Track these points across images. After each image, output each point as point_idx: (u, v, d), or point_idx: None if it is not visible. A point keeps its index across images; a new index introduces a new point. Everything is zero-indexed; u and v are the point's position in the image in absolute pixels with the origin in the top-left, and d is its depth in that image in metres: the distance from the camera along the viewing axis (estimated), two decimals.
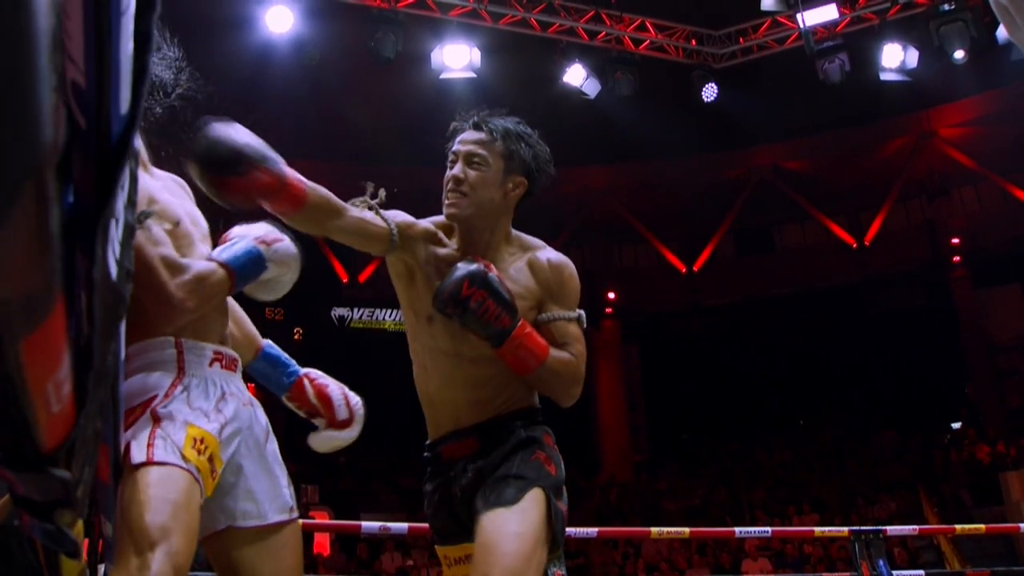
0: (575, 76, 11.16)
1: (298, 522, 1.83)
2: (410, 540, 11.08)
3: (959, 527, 6.14)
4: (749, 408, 16.18)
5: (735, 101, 12.00)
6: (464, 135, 1.94)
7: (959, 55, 10.48)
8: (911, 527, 6.31)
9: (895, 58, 10.88)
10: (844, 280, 15.79)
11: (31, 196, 0.46)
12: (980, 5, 9.92)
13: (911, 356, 15.61)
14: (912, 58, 10.85)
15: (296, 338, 14.44)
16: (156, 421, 1.57)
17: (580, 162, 14.50)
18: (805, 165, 15.77)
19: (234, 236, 1.78)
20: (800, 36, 10.70)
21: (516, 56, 11.40)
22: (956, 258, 15.23)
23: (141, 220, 1.53)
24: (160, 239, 1.63)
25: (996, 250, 14.63)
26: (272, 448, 1.81)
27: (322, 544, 11.57)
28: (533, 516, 1.70)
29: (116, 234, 0.66)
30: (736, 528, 6.55)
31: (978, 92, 13.81)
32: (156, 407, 1.59)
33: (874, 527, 5.40)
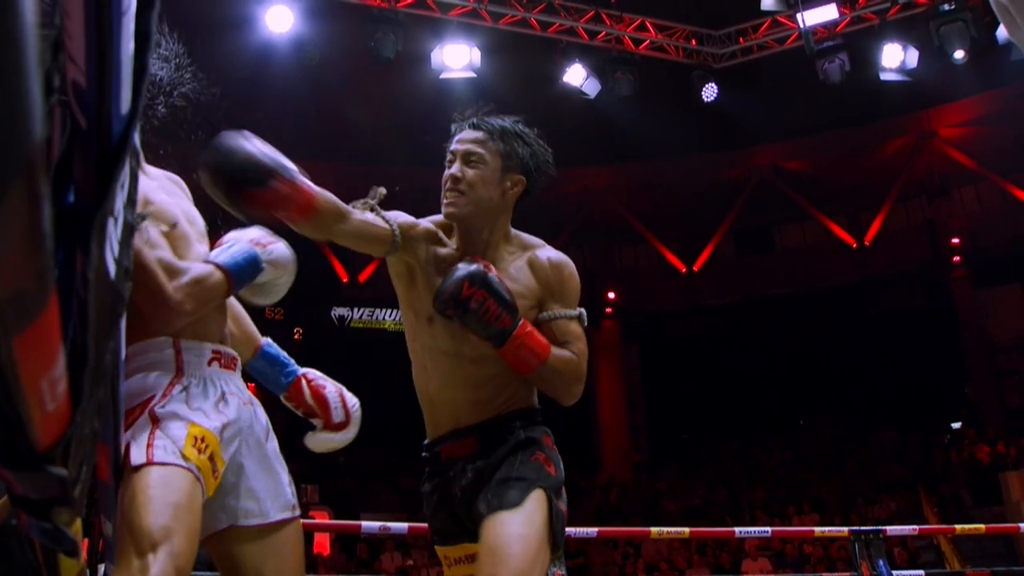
0: (575, 76, 11.16)
1: (299, 520, 1.83)
2: (410, 540, 11.07)
3: (959, 527, 6.14)
4: (749, 408, 16.17)
5: (735, 101, 12.00)
6: (461, 134, 1.94)
7: (959, 55, 10.48)
8: (911, 527, 6.31)
9: (895, 58, 10.88)
10: (844, 280, 15.78)
11: (21, 194, 0.46)
12: (980, 5, 9.92)
13: (911, 356, 15.61)
14: (912, 58, 10.85)
15: (296, 338, 14.43)
16: (155, 422, 1.57)
17: (580, 162, 14.49)
18: (805, 165, 15.76)
19: (229, 239, 1.78)
20: (800, 36, 10.70)
21: (516, 56, 11.39)
22: (956, 258, 15.22)
23: (137, 222, 1.52)
24: (156, 242, 1.62)
25: (996, 250, 14.62)
26: (273, 446, 1.81)
27: (322, 544, 11.57)
28: (536, 518, 1.70)
29: (115, 233, 0.66)
30: (736, 528, 6.54)
31: (978, 92, 13.80)
32: (154, 408, 1.59)
33: (874, 527, 5.40)
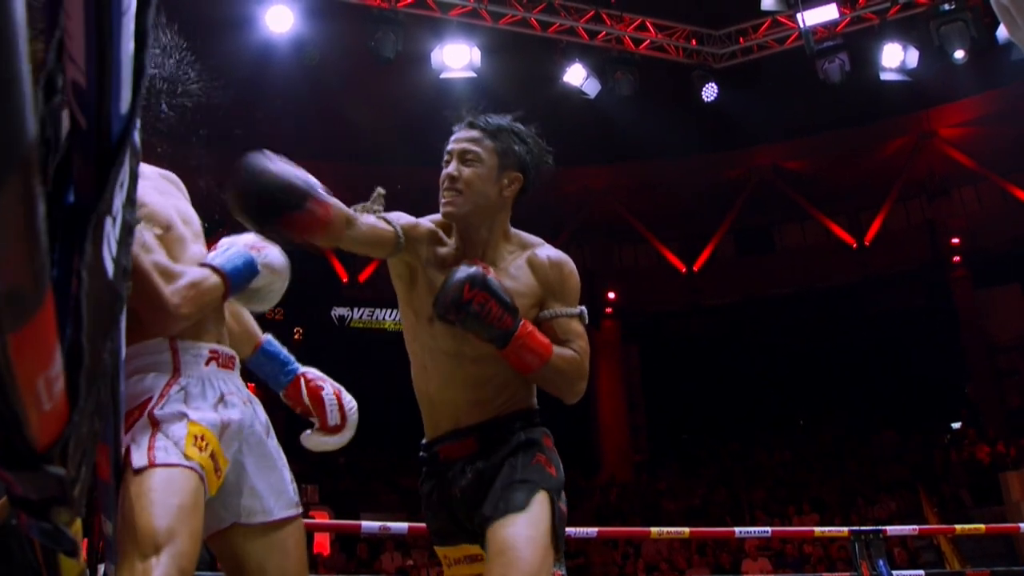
0: (575, 76, 11.15)
1: (302, 517, 1.83)
2: (410, 540, 11.07)
3: (959, 527, 6.14)
4: (749, 408, 16.17)
5: (735, 101, 12.00)
6: (458, 134, 1.94)
7: (959, 55, 10.48)
8: (911, 527, 6.31)
9: (895, 58, 10.88)
10: (844, 280, 15.77)
11: (15, 191, 0.46)
12: (980, 5, 9.92)
13: (911, 356, 15.60)
14: (912, 58, 10.85)
15: (296, 338, 14.43)
16: (155, 424, 1.57)
17: (580, 162, 14.49)
18: (805, 165, 15.75)
19: (225, 243, 1.77)
20: (800, 36, 10.70)
21: (516, 56, 11.39)
22: (956, 258, 15.22)
23: (135, 223, 1.51)
24: (151, 245, 1.61)
25: (996, 250, 14.62)
26: (274, 443, 1.81)
27: (322, 544, 11.56)
28: (542, 520, 1.72)
29: (113, 232, 0.65)
30: (736, 528, 6.55)
31: (978, 92, 13.80)
32: (153, 409, 1.58)
33: (874, 527, 5.39)
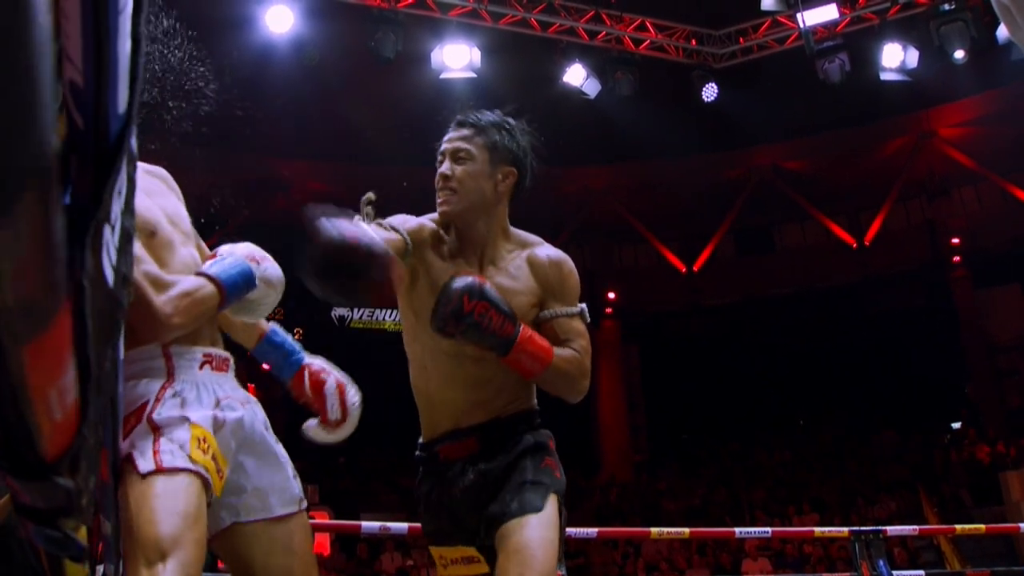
0: (575, 76, 11.15)
1: (306, 513, 1.82)
2: (410, 540, 11.06)
3: (959, 527, 6.14)
4: (749, 408, 16.17)
5: (735, 101, 11.99)
6: (449, 133, 1.96)
7: (959, 55, 10.47)
8: (911, 527, 6.31)
9: (895, 58, 10.87)
10: (844, 280, 15.77)
11: (36, 201, 0.45)
12: (980, 5, 9.91)
13: (911, 356, 15.60)
14: (912, 58, 10.84)
15: (296, 338, 14.30)
16: (156, 428, 1.55)
17: (580, 162, 14.49)
18: (805, 165, 15.75)
19: (223, 252, 1.74)
20: (800, 36, 10.69)
21: (516, 56, 11.38)
22: (956, 258, 15.21)
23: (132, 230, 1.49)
24: (140, 256, 1.57)
25: (996, 250, 14.62)
26: (273, 440, 1.80)
27: (322, 544, 11.54)
28: (555, 521, 1.78)
29: (112, 240, 0.65)
30: (736, 528, 6.55)
31: (978, 92, 13.78)
32: (151, 414, 1.57)
33: (874, 527, 5.39)
